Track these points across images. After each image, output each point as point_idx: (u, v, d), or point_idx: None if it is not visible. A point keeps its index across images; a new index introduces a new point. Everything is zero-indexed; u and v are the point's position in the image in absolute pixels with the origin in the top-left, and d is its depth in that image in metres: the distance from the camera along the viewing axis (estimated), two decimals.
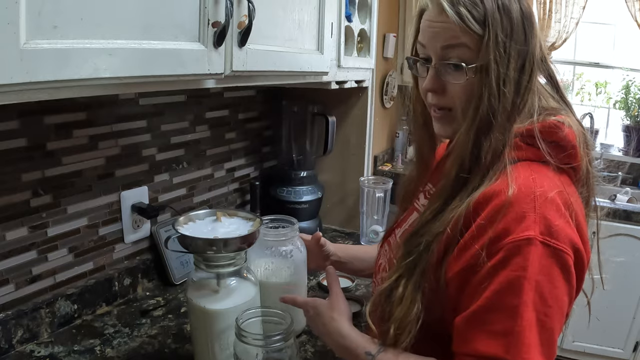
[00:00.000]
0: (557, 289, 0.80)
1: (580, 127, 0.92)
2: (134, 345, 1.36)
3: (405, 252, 0.94)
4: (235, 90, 2.02)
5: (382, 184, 2.14)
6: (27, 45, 0.78)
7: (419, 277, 0.90)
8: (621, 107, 3.59)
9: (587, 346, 3.23)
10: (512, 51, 0.86)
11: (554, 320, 0.79)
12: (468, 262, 0.83)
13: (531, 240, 0.78)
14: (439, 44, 0.91)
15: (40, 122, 1.34)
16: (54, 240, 1.42)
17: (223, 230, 1.18)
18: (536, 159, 0.89)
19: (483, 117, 0.87)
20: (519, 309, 0.77)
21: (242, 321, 1.07)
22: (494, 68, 0.85)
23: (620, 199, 3.25)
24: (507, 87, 0.86)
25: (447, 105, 0.95)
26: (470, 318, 0.82)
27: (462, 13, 0.86)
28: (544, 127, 0.89)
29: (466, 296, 0.84)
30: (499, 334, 0.78)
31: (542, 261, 0.78)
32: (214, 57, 1.14)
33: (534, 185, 0.83)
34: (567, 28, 3.54)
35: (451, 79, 0.91)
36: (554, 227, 0.80)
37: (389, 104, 3.03)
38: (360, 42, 2.09)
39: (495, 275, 0.80)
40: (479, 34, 0.86)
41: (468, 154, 0.89)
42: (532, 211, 0.80)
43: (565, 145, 0.89)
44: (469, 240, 0.84)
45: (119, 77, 0.94)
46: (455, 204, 0.88)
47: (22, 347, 1.32)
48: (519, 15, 0.87)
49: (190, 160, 1.86)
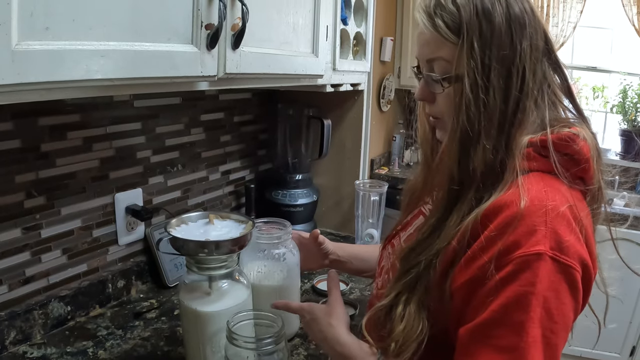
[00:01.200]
0: (564, 305, 0.78)
1: (594, 141, 0.89)
2: (127, 348, 1.36)
3: (403, 270, 0.92)
4: (231, 93, 2.02)
5: (377, 187, 2.14)
6: (18, 46, 0.78)
7: (421, 294, 0.88)
8: (618, 112, 3.59)
9: (584, 350, 3.22)
10: (492, 58, 0.83)
11: (559, 337, 0.78)
12: (475, 273, 0.81)
13: (541, 255, 0.77)
14: (424, 57, 0.93)
15: (34, 124, 1.34)
16: (47, 242, 1.42)
17: (215, 233, 1.18)
18: (548, 170, 0.87)
19: (463, 127, 0.85)
20: (526, 324, 0.76)
21: (233, 324, 1.07)
22: (469, 77, 0.83)
23: (617, 204, 3.25)
24: (489, 96, 0.84)
25: (437, 114, 0.96)
26: (475, 331, 0.80)
27: (437, 24, 0.86)
28: (559, 138, 0.86)
29: (472, 308, 0.82)
30: (503, 349, 0.77)
31: (551, 277, 0.77)
32: (206, 60, 1.14)
33: (545, 199, 0.81)
34: (564, 32, 3.55)
35: (434, 89, 0.92)
36: (565, 243, 0.78)
37: (386, 107, 3.04)
38: (356, 45, 2.09)
39: (503, 289, 0.78)
40: (455, 43, 0.85)
41: (456, 165, 0.87)
42: (543, 225, 0.78)
43: (579, 159, 0.87)
44: (478, 252, 0.81)
45: (111, 78, 0.94)
46: (453, 220, 0.87)
47: (14, 349, 1.31)
48: (504, 18, 0.84)
49: (185, 162, 1.86)
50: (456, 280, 0.85)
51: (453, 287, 0.85)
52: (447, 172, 0.89)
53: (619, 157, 3.59)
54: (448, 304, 0.86)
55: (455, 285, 0.85)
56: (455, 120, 0.87)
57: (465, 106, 0.84)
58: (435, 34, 0.87)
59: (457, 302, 0.85)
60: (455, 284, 0.85)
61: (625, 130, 3.54)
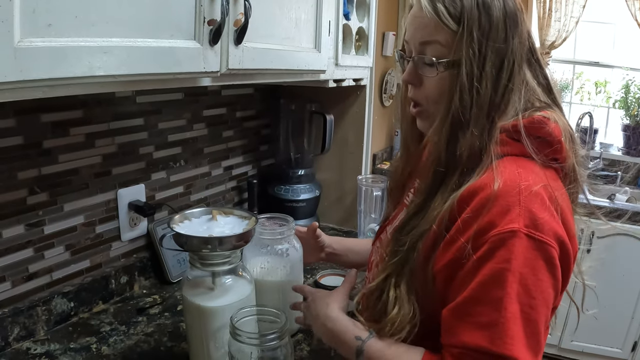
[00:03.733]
0: (541, 282, 0.81)
1: (566, 124, 0.92)
2: (130, 343, 1.36)
3: (392, 251, 0.95)
4: (233, 89, 2.01)
5: (379, 182, 2.14)
6: (21, 43, 0.78)
7: (408, 277, 0.91)
8: (621, 107, 3.59)
9: (585, 346, 3.23)
10: (488, 49, 0.87)
11: (539, 312, 0.80)
12: (454, 255, 0.84)
13: (516, 232, 0.79)
14: (417, 40, 0.94)
15: (37, 120, 1.34)
16: (50, 238, 1.42)
17: (218, 229, 1.18)
18: (522, 154, 0.90)
19: (455, 112, 0.88)
20: (504, 300, 0.78)
21: (236, 320, 1.07)
22: (466, 64, 0.87)
23: (620, 199, 3.25)
24: (482, 85, 0.87)
25: (420, 100, 0.98)
26: (456, 310, 0.84)
27: (439, 9, 0.88)
28: (530, 122, 0.89)
29: (453, 289, 0.86)
30: (483, 325, 0.80)
31: (527, 254, 0.79)
32: (209, 55, 1.14)
33: (519, 179, 0.84)
34: (567, 27, 3.54)
35: (425, 72, 0.94)
36: (539, 220, 0.80)
37: (388, 102, 3.03)
38: (359, 41, 2.09)
39: (480, 268, 0.81)
40: (454, 30, 0.88)
41: (444, 148, 0.90)
42: (517, 204, 0.81)
43: (551, 141, 0.90)
44: (455, 234, 0.85)
45: (113, 75, 0.94)
46: (437, 201, 0.90)
47: (18, 345, 1.32)
48: (501, 13, 0.88)
49: (188, 158, 1.86)
50: (437, 263, 0.88)
51: (435, 269, 0.89)
52: (434, 155, 0.92)
53: (621, 152, 3.59)
54: (432, 287, 0.90)
55: (436, 268, 0.88)
56: (447, 105, 0.90)
57: (460, 92, 0.88)
58: (435, 18, 0.89)
59: (440, 284, 0.89)
60: (437, 267, 0.88)
61: (627, 125, 3.54)
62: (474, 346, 0.80)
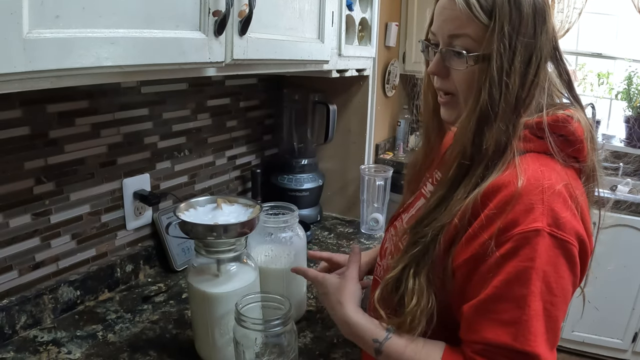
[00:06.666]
0: (562, 279, 0.82)
1: (588, 123, 0.92)
2: (136, 331, 1.38)
3: (411, 242, 0.95)
4: (237, 79, 2.02)
5: (382, 172, 2.15)
6: (29, 34, 0.79)
7: (427, 268, 0.92)
8: (623, 98, 3.58)
9: (586, 336, 3.25)
10: (518, 44, 0.86)
11: (559, 309, 0.82)
12: (476, 250, 0.85)
13: (539, 231, 0.80)
14: (446, 32, 0.93)
15: (43, 111, 1.35)
16: (56, 227, 1.44)
17: (223, 217, 1.20)
18: (544, 151, 0.90)
19: (483, 106, 0.88)
20: (527, 298, 0.80)
21: (241, 306, 1.09)
22: (496, 58, 0.86)
23: (621, 190, 3.26)
24: (511, 79, 0.87)
25: (450, 90, 0.98)
26: (479, 307, 0.84)
27: (471, 2, 0.87)
28: (554, 120, 0.90)
29: (474, 284, 0.86)
30: (507, 322, 0.81)
31: (549, 252, 0.80)
32: (214, 46, 1.15)
33: (542, 178, 0.84)
34: (569, 18, 3.52)
35: (454, 65, 0.94)
36: (561, 219, 0.81)
37: (390, 92, 3.04)
38: (362, 31, 2.10)
39: (504, 265, 0.82)
40: (485, 24, 0.87)
41: (470, 141, 0.90)
42: (540, 203, 0.82)
43: (573, 140, 0.90)
44: (478, 230, 0.85)
45: (120, 65, 0.95)
46: (460, 194, 0.90)
47: (25, 333, 1.34)
48: (531, 9, 0.87)
49: (192, 148, 1.88)
50: (458, 258, 0.88)
51: (455, 264, 0.89)
52: (459, 148, 0.92)
53: (623, 143, 3.59)
54: (450, 281, 0.90)
55: (457, 263, 0.89)
56: (475, 98, 0.89)
57: (489, 86, 0.87)
58: (467, 11, 0.88)
59: (459, 279, 0.89)
60: (457, 261, 0.88)
61: (629, 117, 3.54)
62: (497, 343, 0.81)
